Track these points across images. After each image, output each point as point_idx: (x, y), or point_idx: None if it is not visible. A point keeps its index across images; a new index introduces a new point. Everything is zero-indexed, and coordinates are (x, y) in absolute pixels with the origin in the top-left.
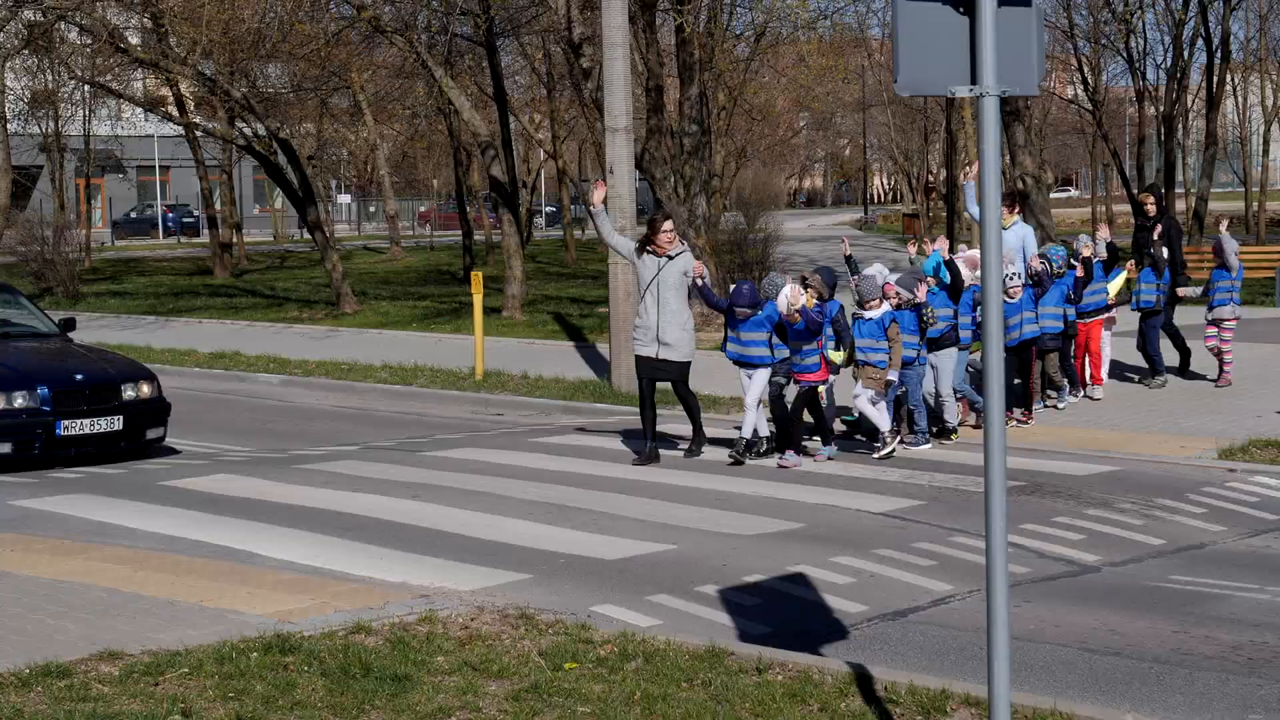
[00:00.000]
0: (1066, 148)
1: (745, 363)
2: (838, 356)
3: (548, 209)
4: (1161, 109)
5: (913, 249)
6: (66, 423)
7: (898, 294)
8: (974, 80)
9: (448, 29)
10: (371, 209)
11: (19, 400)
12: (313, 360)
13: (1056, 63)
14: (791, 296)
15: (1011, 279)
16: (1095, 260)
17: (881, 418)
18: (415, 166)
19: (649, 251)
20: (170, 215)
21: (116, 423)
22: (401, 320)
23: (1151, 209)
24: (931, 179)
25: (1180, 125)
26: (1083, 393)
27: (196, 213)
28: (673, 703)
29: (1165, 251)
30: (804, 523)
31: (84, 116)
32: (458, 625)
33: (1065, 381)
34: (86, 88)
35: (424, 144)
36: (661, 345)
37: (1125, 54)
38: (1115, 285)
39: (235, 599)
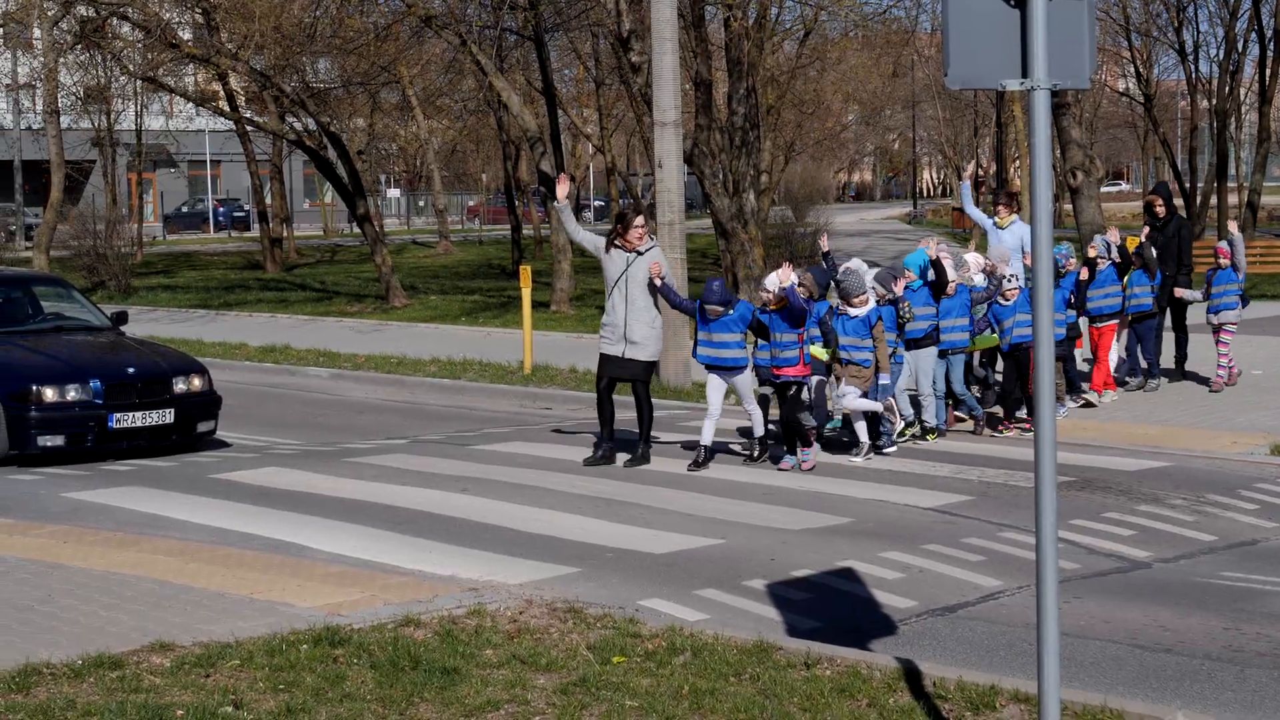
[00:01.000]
0: (1118, 141)
1: (720, 366)
2: (822, 354)
3: (596, 203)
4: (1214, 102)
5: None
6: (118, 415)
7: (874, 289)
8: (1025, 74)
9: (497, 23)
10: (421, 203)
11: (71, 393)
12: (362, 354)
13: (1108, 55)
14: (781, 275)
15: (1009, 280)
16: (1109, 263)
17: (874, 405)
18: (464, 161)
19: (617, 247)
20: (221, 210)
21: (168, 416)
22: (450, 314)
23: (1160, 210)
24: (981, 173)
25: (1233, 119)
26: (1083, 399)
27: (247, 207)
28: (721, 697)
29: (1154, 252)
30: (852, 518)
31: (136, 111)
32: (506, 618)
33: (1064, 390)
34: (138, 83)
35: (473, 138)
36: (629, 344)
37: (1178, 47)
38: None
39: (285, 591)
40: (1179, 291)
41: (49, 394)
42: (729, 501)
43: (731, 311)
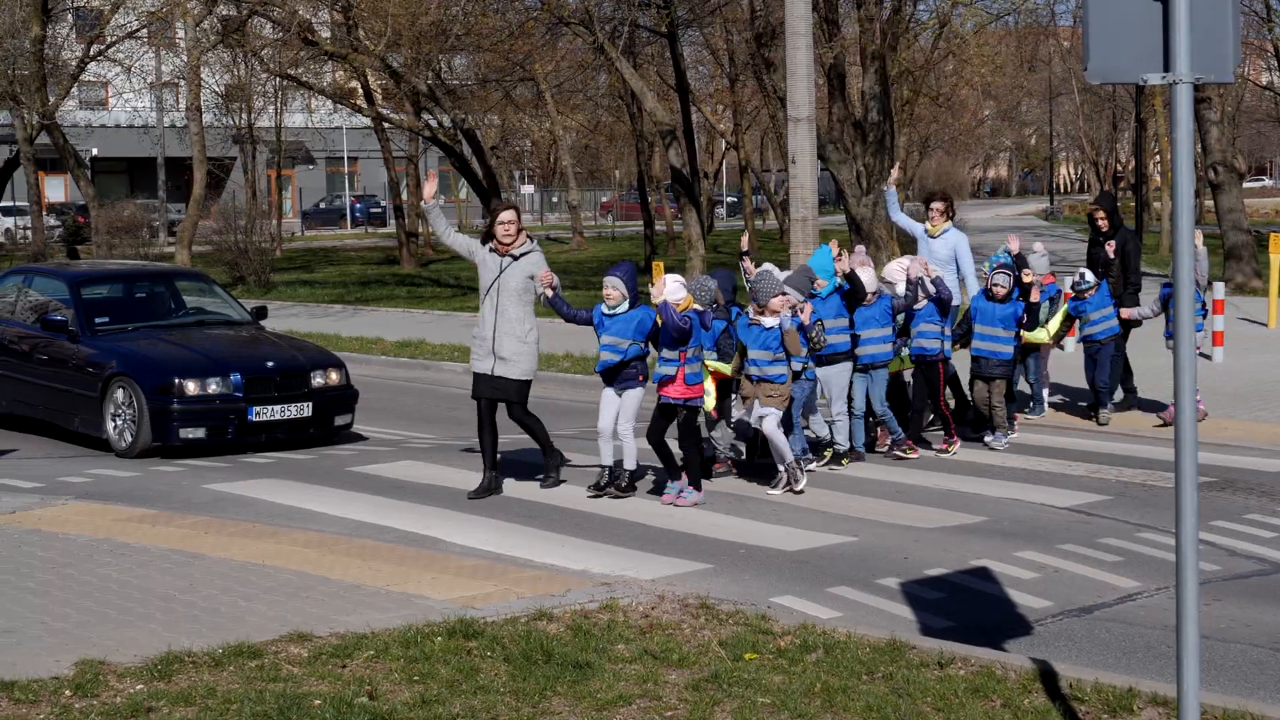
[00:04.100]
0: (1261, 135)
1: (611, 376)
2: (724, 367)
3: (729, 199)
4: None
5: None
6: (258, 409)
7: (785, 297)
8: (1167, 67)
9: (630, 20)
10: (554, 199)
11: (213, 386)
12: None
13: (1251, 48)
14: (655, 290)
15: (926, 283)
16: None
17: (788, 447)
18: (597, 157)
19: (492, 250)
20: (358, 206)
21: (306, 409)
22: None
23: (1103, 223)
24: (1120, 168)
25: None
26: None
27: (383, 203)
28: (853, 695)
29: (1096, 271)
30: (987, 516)
31: (276, 109)
32: (638, 614)
33: (1004, 417)
34: (278, 81)
35: (606, 134)
36: (497, 360)
37: None
38: (1054, 324)
39: (420, 584)
40: (1125, 312)
41: (191, 387)
42: (861, 499)
43: (627, 310)
